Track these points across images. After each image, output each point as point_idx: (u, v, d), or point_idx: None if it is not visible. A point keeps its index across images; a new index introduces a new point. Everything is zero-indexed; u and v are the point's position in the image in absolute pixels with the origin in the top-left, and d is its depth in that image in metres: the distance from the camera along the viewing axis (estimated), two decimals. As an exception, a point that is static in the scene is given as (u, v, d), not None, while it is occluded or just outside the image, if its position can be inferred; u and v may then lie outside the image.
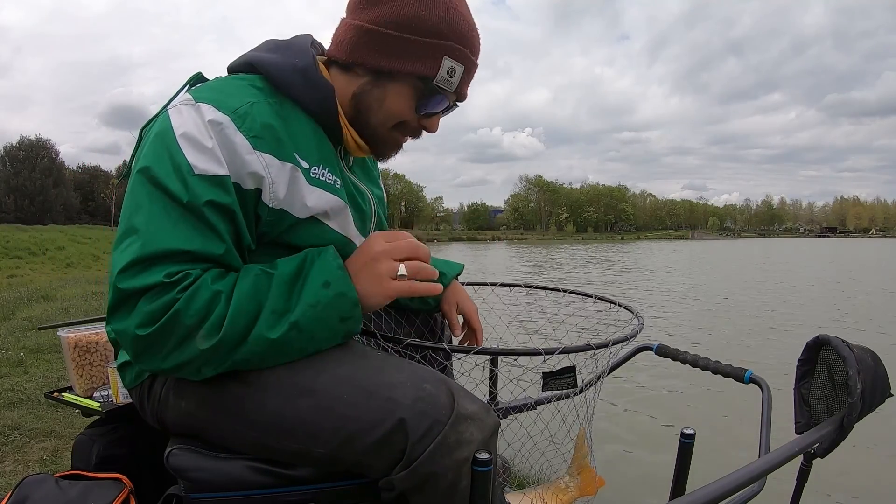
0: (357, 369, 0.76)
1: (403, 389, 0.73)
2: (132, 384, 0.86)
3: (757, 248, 44.33)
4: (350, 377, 0.75)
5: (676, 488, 1.02)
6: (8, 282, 12.43)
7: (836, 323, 7.59)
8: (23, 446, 2.34)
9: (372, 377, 0.75)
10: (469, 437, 0.72)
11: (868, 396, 0.91)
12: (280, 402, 0.74)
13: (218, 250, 0.72)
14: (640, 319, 1.05)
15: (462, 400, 0.74)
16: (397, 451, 0.71)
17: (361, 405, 0.72)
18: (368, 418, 0.72)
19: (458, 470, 0.72)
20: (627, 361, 1.39)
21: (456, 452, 0.71)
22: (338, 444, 0.73)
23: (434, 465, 0.70)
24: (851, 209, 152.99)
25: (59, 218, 35.35)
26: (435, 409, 0.71)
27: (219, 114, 0.74)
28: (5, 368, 3.56)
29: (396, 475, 0.71)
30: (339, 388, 0.74)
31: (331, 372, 0.76)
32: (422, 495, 0.72)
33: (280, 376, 0.75)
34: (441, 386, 0.75)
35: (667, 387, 4.36)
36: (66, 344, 1.37)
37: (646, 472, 2.45)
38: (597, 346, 0.89)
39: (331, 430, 0.73)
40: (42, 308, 6.31)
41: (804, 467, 1.08)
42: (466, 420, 0.73)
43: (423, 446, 0.70)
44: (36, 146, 40.15)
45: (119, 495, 0.82)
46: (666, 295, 10.74)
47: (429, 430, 0.70)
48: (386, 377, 0.75)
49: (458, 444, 0.71)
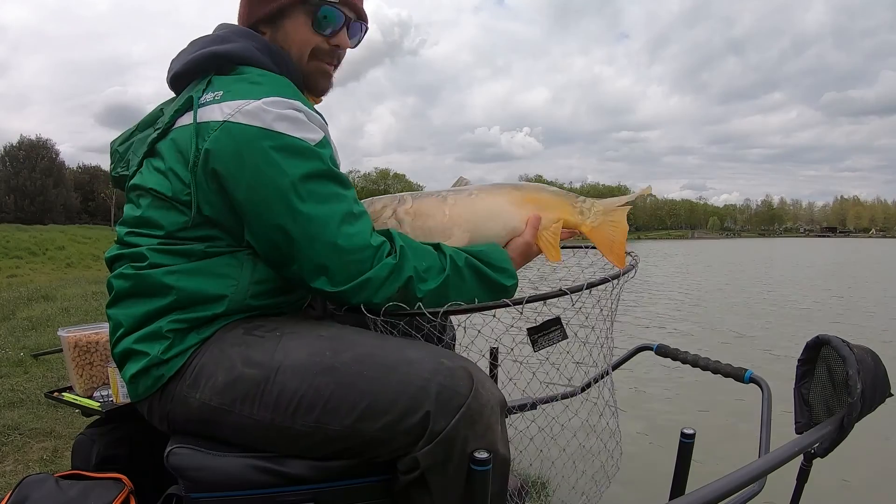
0: (376, 348, 0.80)
1: (423, 364, 0.76)
2: (149, 391, 0.83)
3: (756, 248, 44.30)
4: (370, 354, 0.78)
5: (676, 488, 1.02)
6: (8, 282, 12.43)
7: (835, 322, 7.59)
8: (23, 446, 2.34)
9: (391, 354, 0.78)
10: (490, 411, 0.75)
11: (868, 396, 0.91)
12: (299, 381, 0.77)
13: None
14: (634, 259, 1.00)
15: (479, 375, 0.78)
16: (420, 423, 0.73)
17: (381, 380, 0.75)
18: (389, 392, 0.74)
19: (479, 442, 0.73)
20: (627, 361, 1.39)
21: (479, 424, 0.73)
22: (356, 419, 0.74)
23: (458, 436, 0.72)
24: (851, 209, 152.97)
25: (59, 218, 35.34)
26: (455, 383, 0.74)
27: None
28: (5, 368, 3.56)
29: (421, 450, 0.73)
30: (360, 365, 0.77)
31: (351, 351, 0.79)
32: (443, 472, 0.73)
33: (300, 359, 0.78)
34: (459, 361, 0.78)
35: (667, 387, 4.35)
36: (66, 344, 1.37)
37: (646, 472, 2.45)
38: (598, 283, 0.86)
39: (350, 405, 0.75)
40: (42, 308, 6.31)
41: (804, 467, 1.08)
42: (486, 393, 0.76)
43: (447, 419, 0.72)
44: (36, 146, 40.16)
45: (119, 495, 0.82)
46: (666, 295, 10.73)
47: (450, 402, 0.73)
48: (405, 354, 0.78)
49: (480, 416, 0.74)
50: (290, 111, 0.81)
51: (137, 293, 0.83)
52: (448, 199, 0.97)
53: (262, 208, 0.79)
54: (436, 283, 0.84)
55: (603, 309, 0.94)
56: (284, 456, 0.79)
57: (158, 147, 0.87)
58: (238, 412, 0.78)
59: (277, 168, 0.78)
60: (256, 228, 0.82)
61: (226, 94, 0.83)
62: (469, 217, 0.96)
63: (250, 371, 0.78)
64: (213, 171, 0.80)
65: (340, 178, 0.84)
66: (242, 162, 0.79)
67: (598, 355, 0.97)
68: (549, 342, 0.90)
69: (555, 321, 0.90)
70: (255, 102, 0.80)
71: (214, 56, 0.89)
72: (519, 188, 1.02)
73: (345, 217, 0.81)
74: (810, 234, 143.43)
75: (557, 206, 1.01)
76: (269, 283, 0.87)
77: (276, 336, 0.82)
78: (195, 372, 0.81)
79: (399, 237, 0.86)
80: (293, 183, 0.78)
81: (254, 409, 0.78)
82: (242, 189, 0.79)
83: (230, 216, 0.83)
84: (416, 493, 0.76)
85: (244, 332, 0.84)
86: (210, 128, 0.80)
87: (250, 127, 0.79)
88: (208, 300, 0.83)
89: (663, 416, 3.73)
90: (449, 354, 0.80)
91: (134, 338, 0.83)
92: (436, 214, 0.96)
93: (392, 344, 0.82)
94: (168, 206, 0.84)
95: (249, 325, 0.85)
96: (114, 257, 0.88)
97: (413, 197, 0.99)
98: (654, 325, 7.24)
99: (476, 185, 1.02)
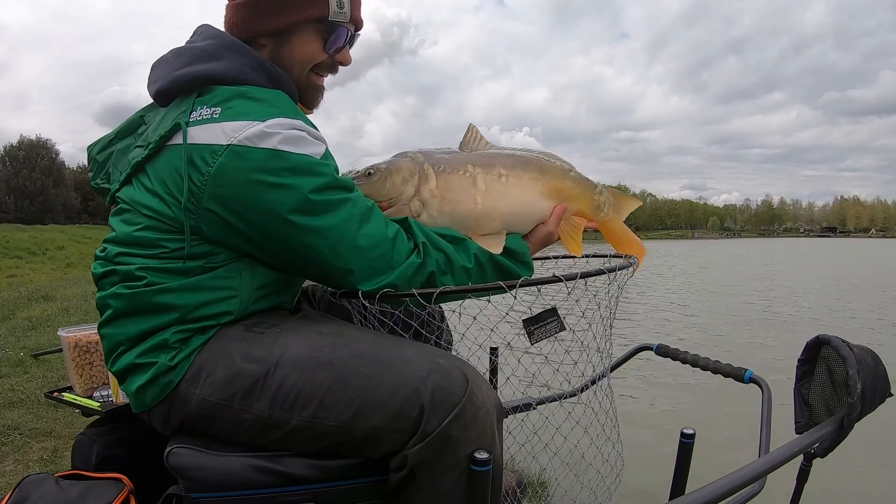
0: (373, 346, 0.81)
1: (419, 363, 0.76)
2: (157, 399, 0.82)
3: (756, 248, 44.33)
4: (367, 352, 0.79)
5: (676, 488, 1.02)
6: (8, 282, 12.42)
7: (836, 322, 7.59)
8: (23, 446, 2.33)
9: (388, 352, 0.79)
10: (485, 413, 0.75)
11: (868, 396, 0.92)
12: (297, 375, 0.77)
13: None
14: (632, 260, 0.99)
15: (475, 377, 0.78)
16: (412, 422, 0.73)
17: (377, 377, 0.76)
18: (384, 390, 0.75)
19: (473, 444, 0.74)
20: (627, 361, 1.39)
21: (472, 426, 0.74)
22: (351, 415, 0.75)
23: (450, 437, 0.72)
24: (851, 209, 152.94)
25: (59, 218, 35.31)
26: (450, 383, 0.74)
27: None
28: (5, 368, 3.55)
29: (411, 448, 0.73)
30: (356, 361, 0.78)
31: (348, 348, 0.80)
32: (433, 471, 0.73)
33: (299, 353, 0.79)
34: (455, 362, 0.79)
35: (666, 387, 4.35)
36: (66, 344, 1.37)
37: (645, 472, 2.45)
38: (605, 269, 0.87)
39: (346, 400, 0.75)
40: (42, 308, 6.30)
41: (804, 467, 1.08)
42: (481, 395, 0.76)
43: (440, 419, 0.72)
44: (36, 146, 40.11)
45: (119, 495, 0.82)
46: (666, 294, 10.73)
47: (444, 402, 0.73)
48: (401, 353, 0.79)
49: (474, 418, 0.74)
50: (293, 132, 0.80)
51: (135, 312, 0.82)
52: (478, 183, 0.94)
53: (282, 229, 0.79)
54: (458, 279, 0.86)
55: (601, 306, 0.93)
56: (284, 455, 0.79)
57: (148, 167, 0.84)
58: (238, 407, 0.78)
59: (292, 188, 0.78)
60: (275, 248, 0.82)
61: (225, 113, 0.80)
62: (503, 210, 0.94)
63: (250, 366, 0.79)
64: (221, 195, 0.78)
65: (346, 183, 0.84)
66: (254, 186, 0.77)
67: (598, 355, 0.97)
68: (545, 334, 0.89)
69: (551, 311, 0.89)
70: (259, 125, 0.78)
71: (200, 78, 0.85)
72: (544, 172, 0.99)
73: (361, 218, 0.82)
74: (810, 234, 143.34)
75: (579, 198, 1.02)
76: (270, 286, 0.88)
77: (276, 332, 0.83)
78: (195, 369, 0.81)
79: (420, 231, 0.86)
80: (309, 199, 0.78)
81: (252, 404, 0.78)
82: (257, 213, 0.78)
83: (233, 236, 0.82)
84: (407, 492, 0.76)
85: (244, 328, 0.84)
86: (213, 151, 0.78)
87: (258, 150, 0.77)
88: (212, 316, 0.83)
89: (663, 417, 3.73)
90: (445, 355, 0.81)
91: (137, 352, 0.82)
92: (465, 201, 0.93)
93: (390, 342, 0.83)
94: (164, 227, 0.82)
95: (249, 321, 0.86)
96: (103, 274, 0.85)
97: (434, 168, 0.93)
98: (653, 325, 7.24)
99: (497, 154, 0.97)
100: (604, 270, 0.87)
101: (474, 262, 0.88)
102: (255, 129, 0.78)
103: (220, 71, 0.85)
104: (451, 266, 0.86)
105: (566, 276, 0.83)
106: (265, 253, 0.84)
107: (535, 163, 0.99)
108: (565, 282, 0.83)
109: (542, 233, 0.98)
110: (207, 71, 0.85)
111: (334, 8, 0.90)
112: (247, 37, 0.91)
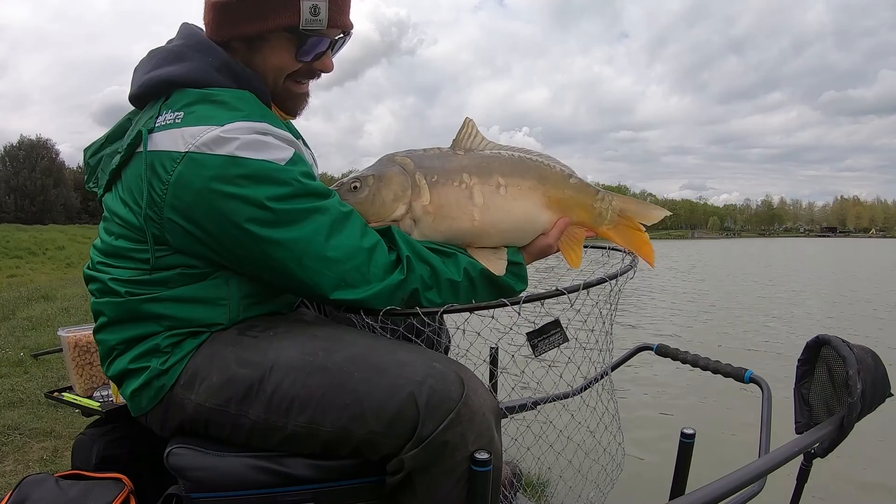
0: (369, 350, 0.79)
1: (414, 367, 0.75)
2: (152, 402, 0.83)
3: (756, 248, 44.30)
4: (362, 356, 0.78)
5: (676, 488, 1.02)
6: (8, 282, 12.41)
7: (836, 323, 7.59)
8: (23, 446, 2.33)
9: (383, 356, 0.78)
10: (482, 417, 0.74)
11: (868, 396, 0.91)
12: (291, 381, 0.76)
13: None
14: (633, 258, 0.98)
15: (471, 380, 0.77)
16: (408, 427, 0.72)
17: (373, 381, 0.75)
18: (379, 394, 0.73)
19: (469, 448, 0.73)
20: (627, 361, 1.39)
21: (469, 430, 0.73)
22: (348, 420, 0.74)
23: (446, 442, 0.71)
24: (851, 209, 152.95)
25: (59, 218, 35.32)
26: (446, 387, 0.73)
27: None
28: (5, 368, 3.55)
29: (407, 453, 0.72)
30: (352, 365, 0.76)
31: (343, 352, 0.78)
32: (429, 475, 0.73)
33: (293, 358, 0.78)
34: (451, 365, 0.77)
35: (666, 387, 4.35)
36: (66, 344, 1.37)
37: (646, 472, 2.45)
38: (606, 279, 0.85)
39: (342, 405, 0.74)
40: (42, 308, 6.30)
41: (804, 467, 1.08)
42: (478, 399, 0.75)
43: (436, 422, 0.71)
44: (36, 146, 40.10)
45: (119, 495, 0.82)
46: (665, 294, 10.73)
47: (440, 406, 0.72)
48: (397, 356, 0.77)
49: (470, 421, 0.73)
50: (253, 136, 0.76)
51: (125, 320, 0.82)
52: (475, 197, 0.88)
53: (243, 240, 0.76)
54: (444, 295, 0.83)
55: (602, 308, 0.93)
56: (284, 455, 0.79)
57: (123, 173, 0.83)
58: (234, 412, 0.78)
59: (249, 198, 0.74)
60: (240, 260, 0.80)
61: (186, 118, 0.78)
62: (502, 227, 0.90)
63: (244, 371, 0.78)
64: (180, 205, 0.76)
65: (317, 189, 0.80)
66: (211, 195, 0.74)
67: (598, 355, 0.97)
68: (549, 346, 0.88)
69: (554, 324, 0.88)
70: (216, 130, 0.75)
71: (164, 81, 0.83)
72: (544, 180, 0.94)
73: (331, 227, 0.78)
74: (810, 234, 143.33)
75: (580, 207, 0.98)
76: (260, 294, 0.87)
77: (270, 336, 0.82)
78: (189, 374, 0.81)
79: (405, 244, 0.82)
80: (269, 209, 0.75)
81: (248, 409, 0.77)
82: (215, 223, 0.76)
83: (198, 246, 0.79)
84: (403, 496, 0.75)
85: (238, 332, 0.84)
86: (173, 158, 0.75)
87: (214, 156, 0.74)
88: (203, 325, 0.83)
89: (663, 416, 3.73)
90: (441, 358, 0.79)
91: (130, 357, 0.82)
92: (462, 217, 0.88)
93: (385, 345, 0.81)
94: (135, 237, 0.81)
95: (243, 325, 0.85)
96: (88, 279, 0.86)
97: (427, 179, 0.88)
98: (653, 325, 7.24)
99: (493, 158, 0.92)
100: (606, 279, 0.86)
101: (463, 276, 0.84)
102: (212, 135, 0.75)
103: (181, 73, 0.82)
104: (437, 280, 0.83)
105: (569, 288, 0.82)
106: (233, 265, 0.81)
107: (535, 168, 0.95)
108: (567, 294, 0.82)
109: (541, 245, 0.94)
110: (169, 74, 0.83)
111: (307, 16, 0.84)
112: (221, 40, 0.88)
